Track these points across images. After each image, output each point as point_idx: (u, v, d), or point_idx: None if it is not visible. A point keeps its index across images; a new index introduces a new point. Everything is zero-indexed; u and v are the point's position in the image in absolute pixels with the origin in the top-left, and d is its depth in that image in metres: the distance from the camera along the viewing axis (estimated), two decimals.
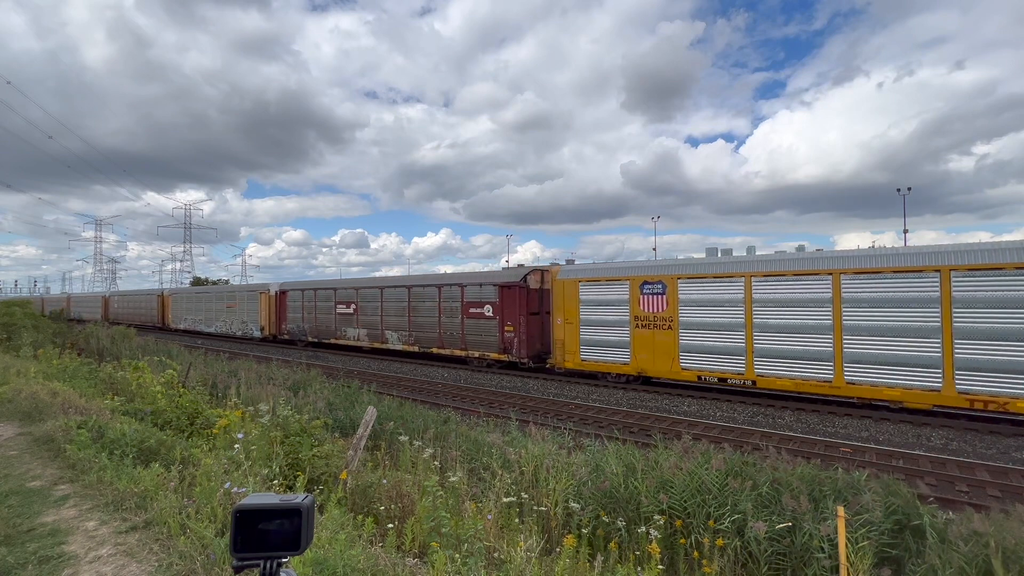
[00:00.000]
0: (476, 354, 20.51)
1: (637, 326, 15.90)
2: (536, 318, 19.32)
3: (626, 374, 16.33)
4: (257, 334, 33.64)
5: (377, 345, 24.99)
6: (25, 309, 27.71)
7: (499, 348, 19.54)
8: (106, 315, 55.63)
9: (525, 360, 18.81)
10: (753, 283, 13.94)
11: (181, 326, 43.06)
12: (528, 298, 19.07)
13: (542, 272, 19.98)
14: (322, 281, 31.90)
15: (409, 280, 24.60)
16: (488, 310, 20.04)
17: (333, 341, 27.52)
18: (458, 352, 21.30)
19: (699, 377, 14.75)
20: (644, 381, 16.46)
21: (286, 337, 31.43)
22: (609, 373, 16.77)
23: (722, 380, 14.36)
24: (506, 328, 19.29)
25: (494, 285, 19.94)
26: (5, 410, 8.03)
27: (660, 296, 15.51)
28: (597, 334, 16.90)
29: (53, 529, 4.07)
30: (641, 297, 15.85)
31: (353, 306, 26.42)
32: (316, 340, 28.97)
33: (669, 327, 15.30)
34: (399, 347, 23.87)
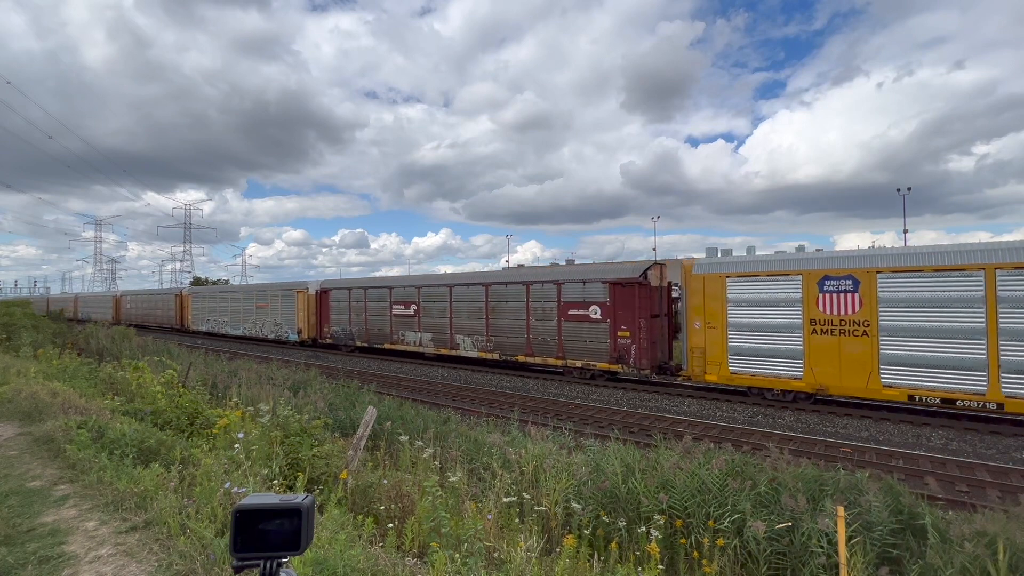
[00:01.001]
0: (577, 364, 17.61)
1: (814, 331, 13.00)
2: (657, 321, 16.52)
3: (797, 391, 13.42)
4: (293, 337, 30.25)
5: (444, 352, 21.93)
6: (25, 309, 27.71)
7: (610, 357, 16.65)
8: (118, 316, 52.73)
9: (646, 371, 16.07)
10: (999, 278, 10.95)
11: (203, 328, 39.60)
12: (649, 298, 16.21)
13: (660, 267, 17.40)
14: (374, 279, 28.99)
15: (488, 277, 21.51)
16: (595, 312, 17.13)
17: (388, 347, 24.51)
18: (553, 361, 18.32)
19: (910, 397, 11.81)
20: (819, 400, 13.67)
21: (328, 341, 28.08)
22: (771, 389, 13.85)
23: (947, 401, 11.48)
24: (620, 333, 16.44)
25: (603, 282, 17.06)
26: (5, 410, 8.03)
27: (849, 295, 12.59)
28: (753, 340, 13.88)
29: (53, 529, 4.07)
30: (821, 296, 12.93)
31: (413, 307, 23.19)
32: (366, 345, 25.75)
33: (864, 333, 12.37)
34: (473, 354, 20.76)
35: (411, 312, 23.53)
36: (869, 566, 4.10)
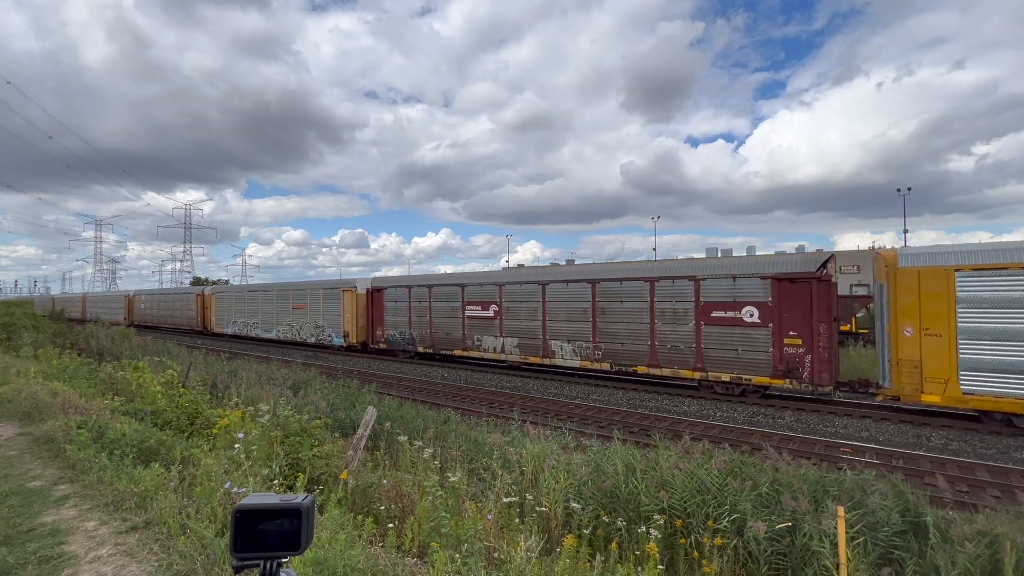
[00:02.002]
0: (723, 377, 14.45)
1: None
2: (835, 326, 13.62)
3: None
4: (338, 342, 26.91)
5: (535, 360, 18.83)
6: (25, 309, 27.72)
7: (773, 370, 13.58)
8: (130, 317, 49.67)
9: (826, 388, 12.93)
10: None
11: (228, 330, 36.24)
12: (828, 297, 13.18)
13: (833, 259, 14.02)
14: (441, 276, 25.68)
15: (594, 272, 18.30)
16: (750, 314, 14.00)
17: (459, 353, 21.47)
18: (687, 373, 15.14)
19: None
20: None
21: (382, 346, 24.87)
22: None
23: None
24: (788, 340, 13.43)
25: (763, 278, 13.86)
26: (5, 410, 8.03)
27: None
28: (999, 352, 10.82)
29: (53, 529, 4.07)
30: None
31: (494, 308, 19.98)
32: (430, 351, 22.62)
33: None
34: (573, 363, 17.74)
35: (490, 314, 20.18)
36: (871, 567, 4.10)
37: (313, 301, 29.08)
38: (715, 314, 14.69)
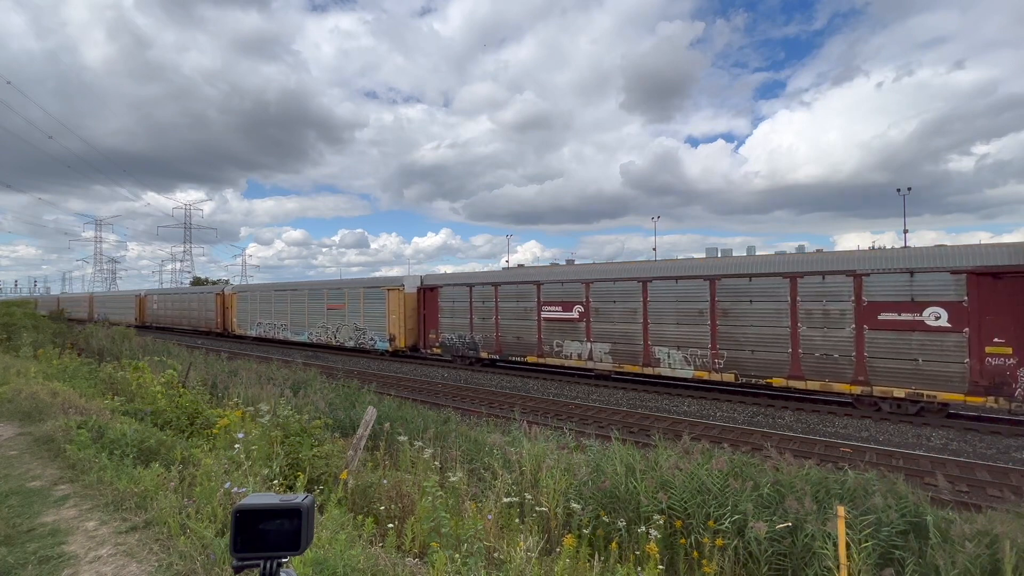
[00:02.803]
0: (896, 393, 12.15)
1: None
2: None
3: None
4: (382, 346, 24.40)
5: (632, 369, 16.37)
6: (25, 309, 27.72)
7: (971, 385, 11.26)
8: (142, 318, 47.23)
9: None
10: None
11: (252, 332, 33.66)
12: None
13: None
14: (511, 272, 23.14)
15: (714, 267, 15.34)
16: (935, 316, 11.65)
17: (534, 360, 18.98)
18: (844, 387, 12.72)
19: None
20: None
21: (435, 351, 22.45)
22: None
23: None
24: (990, 350, 11.17)
25: (953, 272, 11.56)
26: (5, 410, 8.03)
27: None
28: None
29: (53, 529, 4.07)
30: None
31: (578, 308, 17.60)
32: (496, 357, 20.22)
33: None
34: (684, 372, 15.38)
35: (574, 315, 17.71)
36: (872, 567, 4.10)
37: (352, 301, 26.32)
38: (884, 316, 12.28)
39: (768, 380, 13.87)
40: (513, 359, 19.87)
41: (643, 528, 4.71)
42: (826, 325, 13.05)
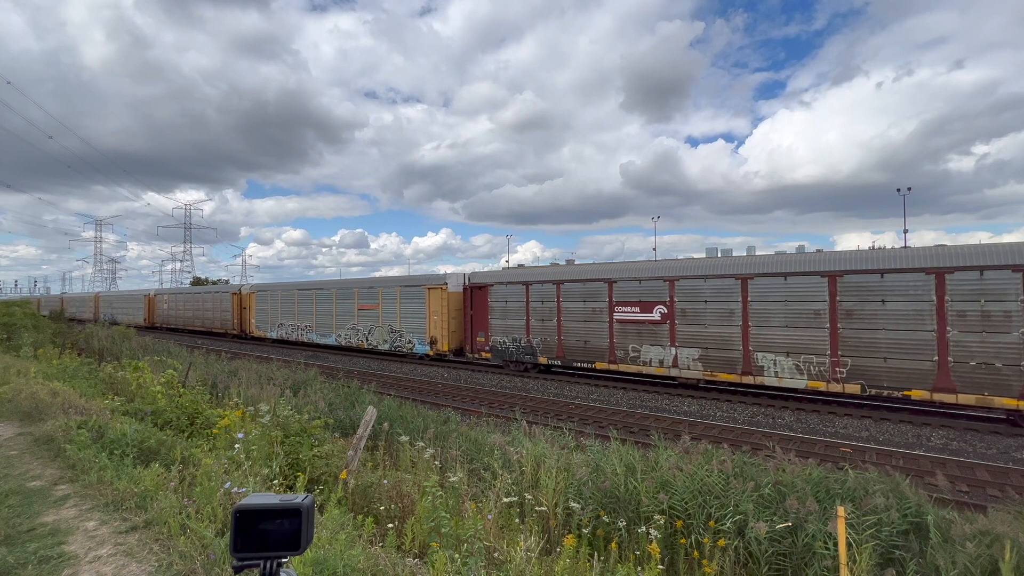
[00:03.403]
0: None
1: None
2: None
3: None
4: (421, 349, 22.50)
5: (727, 377, 14.52)
6: (25, 309, 27.72)
7: None
8: (151, 318, 45.49)
9: None
10: None
11: (272, 334, 31.64)
12: None
13: None
14: (574, 268, 20.47)
15: (833, 262, 13.27)
16: None
17: (604, 367, 16.94)
18: (1009, 402, 11.00)
19: None
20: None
21: (484, 356, 20.26)
22: None
23: None
24: None
25: None
26: (5, 410, 8.03)
27: None
28: None
29: (53, 529, 4.07)
30: None
31: (660, 309, 15.73)
32: (557, 363, 18.22)
33: None
34: (796, 382, 13.50)
35: (655, 317, 15.85)
36: (873, 567, 4.10)
37: (388, 301, 24.14)
38: None
39: (905, 392, 12.07)
40: (578, 365, 17.76)
41: (643, 528, 4.71)
42: (984, 329, 11.25)
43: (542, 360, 18.66)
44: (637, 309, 16.36)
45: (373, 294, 25.26)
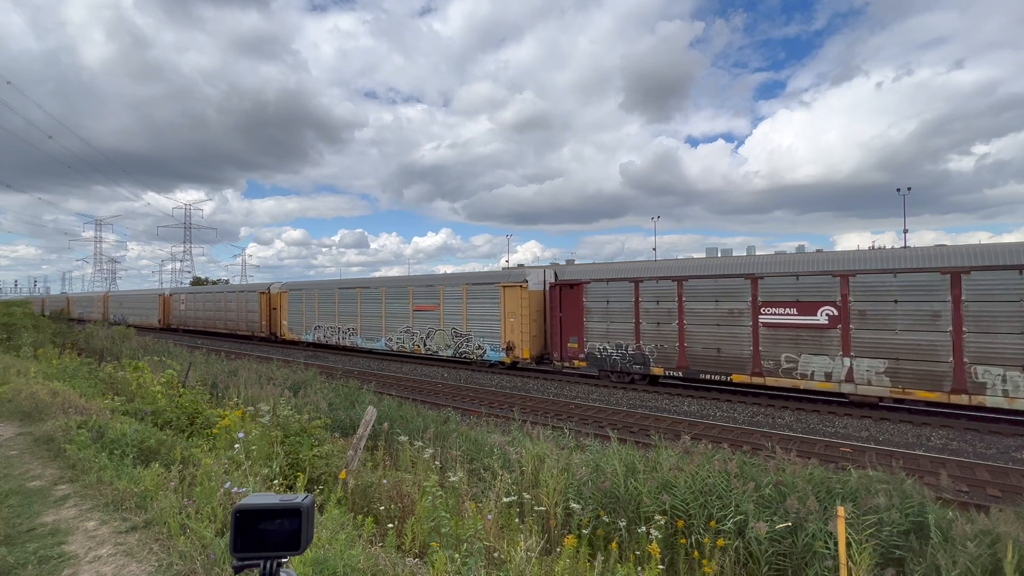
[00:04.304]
0: None
1: None
2: None
3: None
4: (494, 357, 19.80)
5: (928, 395, 11.80)
6: (25, 309, 27.73)
7: None
8: (166, 320, 42.64)
9: None
10: None
11: (308, 338, 28.81)
12: None
13: None
14: (700, 262, 18.13)
15: None
16: None
17: (745, 379, 14.20)
18: None
19: None
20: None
21: (577, 365, 17.50)
22: None
23: None
24: None
25: None
26: (5, 410, 8.03)
27: None
28: None
29: (53, 529, 4.07)
30: None
31: (827, 310, 12.98)
32: (677, 374, 15.41)
33: None
34: None
35: (821, 320, 13.10)
36: (873, 567, 4.10)
37: (451, 301, 21.46)
38: None
39: None
40: (708, 378, 15.01)
41: (643, 528, 4.71)
42: None
43: (656, 371, 15.79)
44: (793, 311, 13.48)
45: (433, 293, 22.30)
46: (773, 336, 13.85)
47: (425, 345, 22.52)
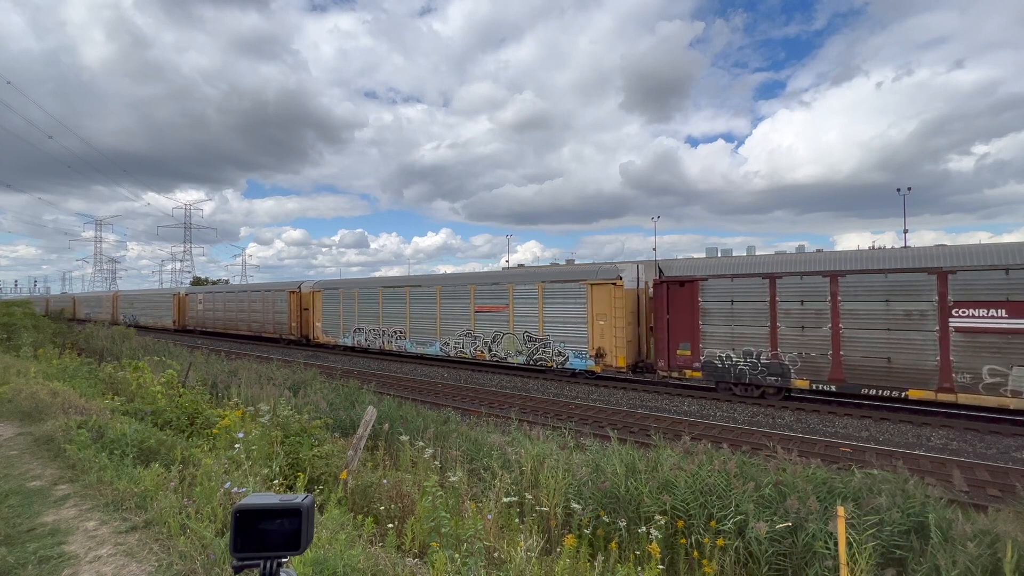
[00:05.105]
0: None
1: None
2: None
3: None
4: (579, 365, 17.35)
5: None
6: (25, 309, 27.72)
7: None
8: (181, 320, 40.42)
9: None
10: None
11: (345, 341, 26.27)
12: None
13: None
14: (856, 254, 13.76)
15: None
16: None
17: (926, 396, 11.76)
18: None
19: None
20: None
21: (688, 375, 15.05)
22: None
23: None
24: None
25: None
26: (5, 410, 8.03)
27: None
28: None
29: (53, 529, 4.07)
30: None
31: None
32: (829, 387, 12.86)
33: None
34: None
35: None
36: (873, 567, 4.10)
37: (523, 300, 19.06)
38: None
39: None
40: (873, 393, 12.44)
41: (643, 528, 4.71)
42: None
43: (799, 383, 13.25)
44: (1002, 312, 11.00)
45: (499, 292, 19.84)
46: (971, 344, 11.32)
47: (490, 350, 19.99)
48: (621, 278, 16.65)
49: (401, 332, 23.61)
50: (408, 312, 23.31)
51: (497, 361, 19.98)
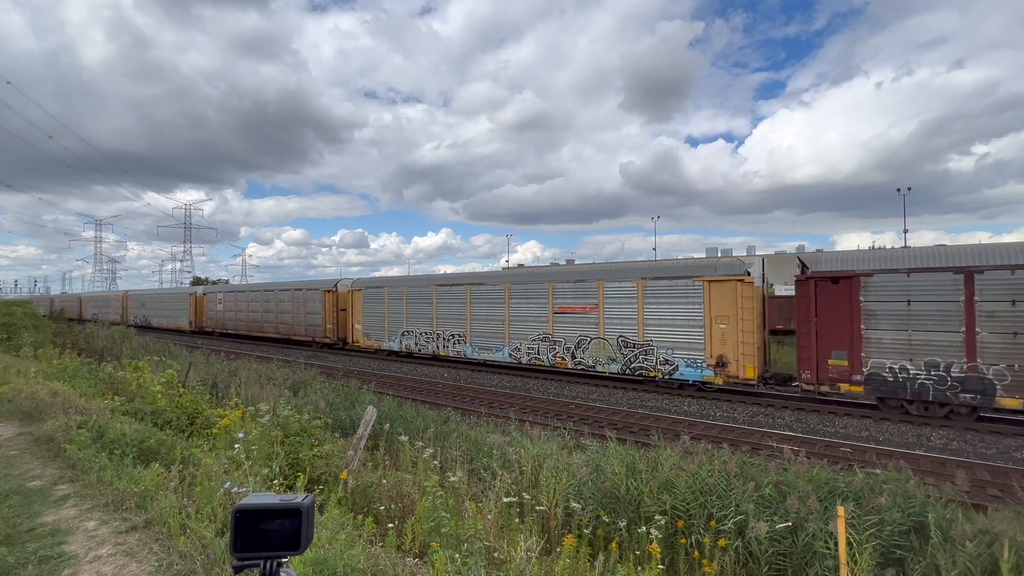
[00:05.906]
0: None
1: None
2: None
3: None
4: (691, 374, 15.18)
5: None
6: (25, 309, 27.73)
7: None
8: (197, 322, 38.33)
9: None
10: None
11: (390, 346, 23.78)
12: None
13: None
14: None
15: None
16: None
17: None
18: None
19: None
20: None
21: (849, 390, 12.66)
22: None
23: None
24: None
25: None
26: (5, 410, 8.02)
27: None
28: None
29: (53, 529, 4.07)
30: None
31: None
32: None
33: None
34: None
35: None
36: (873, 567, 4.09)
37: (617, 300, 16.58)
38: None
39: None
40: None
41: (643, 528, 4.71)
42: None
43: (1007, 402, 10.89)
44: None
45: (586, 290, 17.28)
46: None
47: (574, 357, 17.53)
48: (750, 274, 14.30)
49: (460, 336, 21.04)
50: (468, 313, 20.77)
51: (583, 370, 17.53)
